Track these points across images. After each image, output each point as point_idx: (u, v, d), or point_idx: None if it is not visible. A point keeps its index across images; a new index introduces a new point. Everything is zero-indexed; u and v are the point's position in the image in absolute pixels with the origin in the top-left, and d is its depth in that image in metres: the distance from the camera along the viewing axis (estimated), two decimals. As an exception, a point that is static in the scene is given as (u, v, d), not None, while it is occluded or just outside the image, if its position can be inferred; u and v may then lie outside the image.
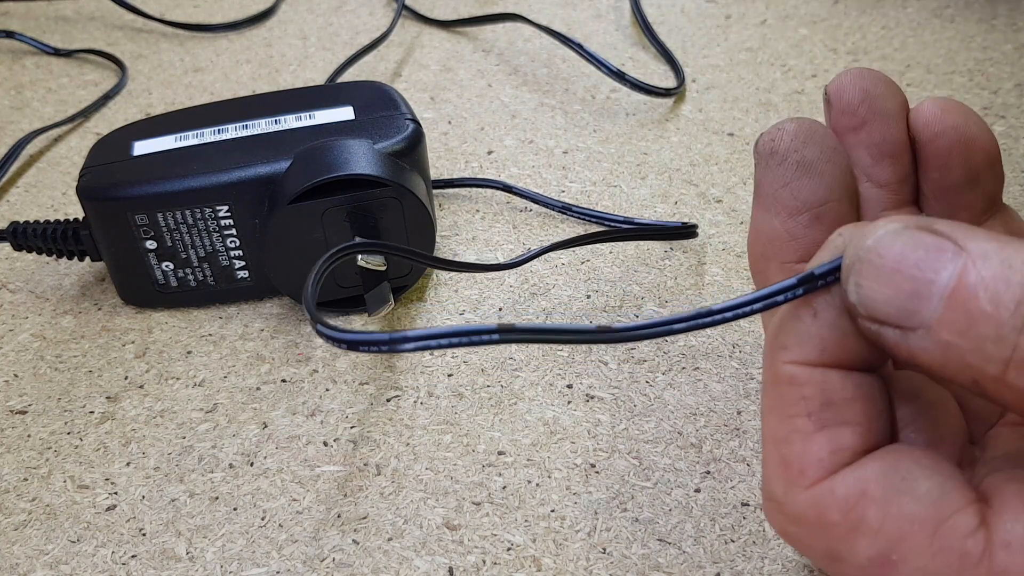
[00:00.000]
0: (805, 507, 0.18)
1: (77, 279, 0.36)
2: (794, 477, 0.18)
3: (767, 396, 0.19)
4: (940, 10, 0.54)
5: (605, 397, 0.30)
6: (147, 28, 0.58)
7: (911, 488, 0.17)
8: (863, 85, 0.21)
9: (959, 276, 0.15)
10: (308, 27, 0.57)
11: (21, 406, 0.31)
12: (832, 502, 0.17)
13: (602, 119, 0.45)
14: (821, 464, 0.18)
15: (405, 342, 0.18)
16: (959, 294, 0.15)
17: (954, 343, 0.15)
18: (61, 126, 0.47)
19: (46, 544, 0.26)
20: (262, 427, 0.30)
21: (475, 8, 0.58)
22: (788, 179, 0.20)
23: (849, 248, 0.17)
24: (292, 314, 0.34)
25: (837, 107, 0.22)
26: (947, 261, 0.16)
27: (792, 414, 0.18)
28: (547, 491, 0.27)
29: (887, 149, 0.21)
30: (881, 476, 0.17)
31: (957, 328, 0.15)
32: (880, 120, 0.21)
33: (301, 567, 0.25)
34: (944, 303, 0.15)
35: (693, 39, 0.53)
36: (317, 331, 0.20)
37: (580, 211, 0.38)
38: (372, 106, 0.35)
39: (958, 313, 0.15)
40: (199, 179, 0.32)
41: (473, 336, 0.18)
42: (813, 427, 0.18)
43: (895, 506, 0.17)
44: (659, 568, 0.25)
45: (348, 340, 0.19)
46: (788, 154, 0.20)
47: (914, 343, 0.16)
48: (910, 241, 0.16)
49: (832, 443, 0.18)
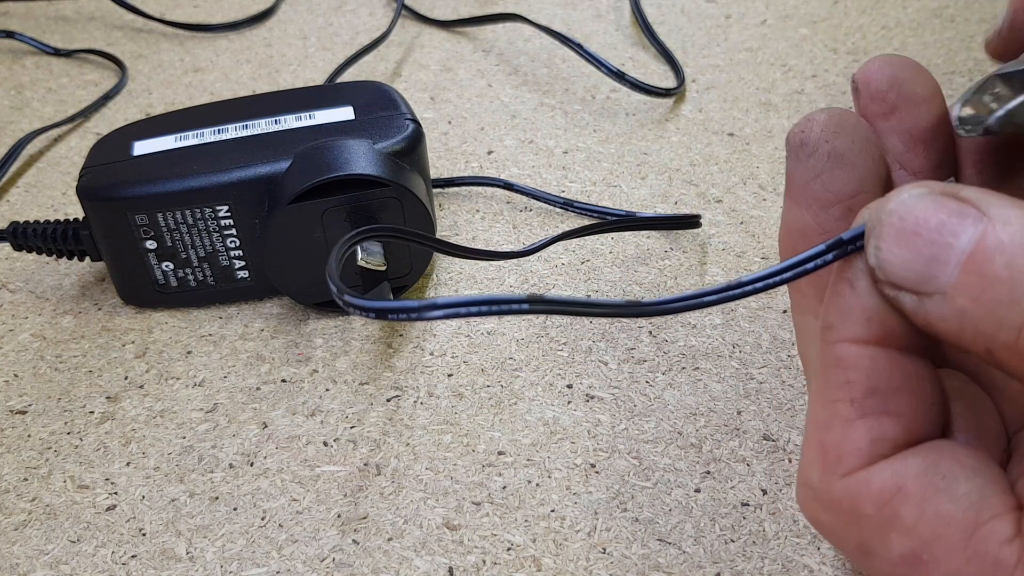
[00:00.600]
0: (840, 496, 0.17)
1: (77, 279, 0.36)
2: (831, 464, 0.17)
3: (812, 381, 0.18)
4: (940, 10, 0.54)
5: (605, 397, 0.30)
6: (147, 28, 0.58)
7: (950, 488, 0.16)
8: (891, 71, 0.21)
9: (977, 240, 0.15)
10: (308, 27, 0.57)
11: (21, 406, 0.31)
12: (867, 494, 0.17)
13: (602, 119, 0.45)
14: (860, 453, 0.17)
15: (434, 309, 0.18)
16: (976, 258, 0.15)
17: (969, 309, 0.15)
18: (61, 126, 0.47)
19: (46, 544, 0.26)
20: (262, 427, 0.30)
21: (475, 8, 0.58)
22: (819, 171, 0.20)
23: (871, 211, 0.17)
24: (292, 314, 0.34)
25: (865, 94, 0.21)
26: (968, 226, 0.15)
27: (835, 399, 0.18)
28: (547, 491, 0.27)
29: (919, 135, 0.21)
30: (920, 473, 0.17)
31: (972, 293, 0.15)
32: (910, 105, 0.21)
33: (301, 567, 0.25)
34: (960, 268, 0.15)
35: (693, 39, 0.53)
36: (344, 302, 0.19)
37: (582, 206, 0.38)
38: (372, 106, 0.35)
39: (973, 277, 0.15)
40: (199, 179, 0.32)
41: (503, 305, 0.17)
42: (855, 414, 0.17)
43: (932, 505, 0.16)
44: (659, 568, 0.25)
45: (376, 308, 0.19)
46: (819, 145, 0.20)
47: (931, 309, 0.16)
48: (932, 205, 0.16)
49: (873, 432, 0.17)
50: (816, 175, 0.20)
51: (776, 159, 0.41)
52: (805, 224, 0.20)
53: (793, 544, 0.25)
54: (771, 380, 0.30)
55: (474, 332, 0.33)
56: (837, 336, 0.18)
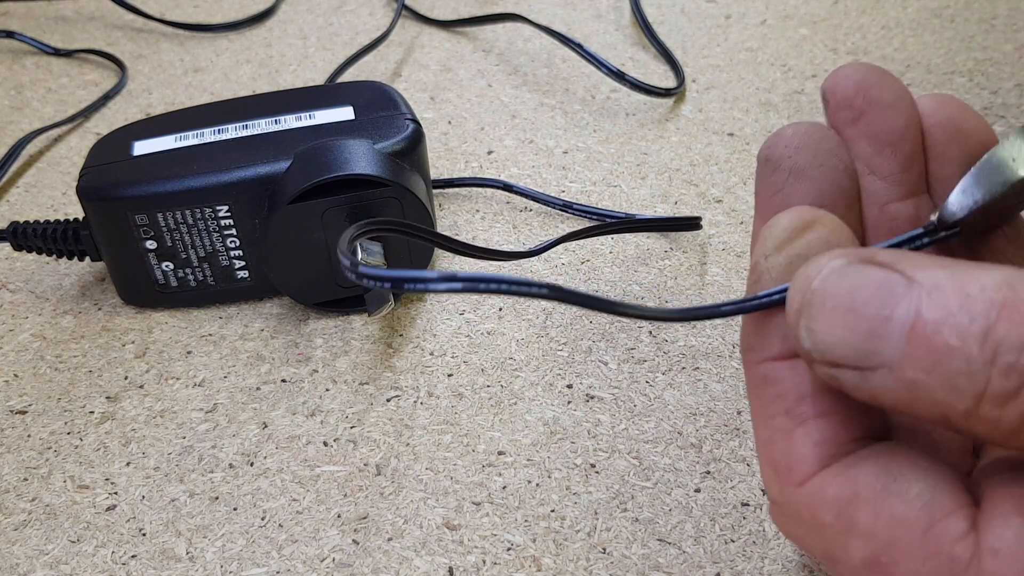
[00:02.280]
0: (800, 507, 0.18)
1: (77, 279, 0.36)
2: (784, 477, 0.18)
3: (750, 404, 0.19)
4: (940, 10, 0.54)
5: (605, 397, 0.30)
6: (147, 28, 0.58)
7: (902, 490, 0.16)
8: (856, 77, 0.21)
9: (916, 311, 0.15)
10: (308, 27, 0.57)
11: (21, 406, 0.31)
12: (824, 502, 0.17)
13: (602, 119, 0.45)
14: (806, 459, 0.17)
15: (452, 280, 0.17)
16: (921, 330, 0.15)
17: (922, 381, 0.15)
18: (61, 126, 0.47)
19: (46, 544, 0.26)
20: (262, 427, 0.30)
21: (475, 8, 0.58)
22: (780, 186, 0.20)
23: (794, 289, 0.17)
24: (292, 314, 0.34)
25: (833, 103, 0.22)
26: (900, 296, 0.15)
27: (771, 414, 0.18)
28: (547, 491, 0.27)
29: (886, 138, 0.21)
30: (872, 477, 0.17)
31: (923, 366, 0.15)
32: (877, 109, 0.21)
33: (301, 567, 0.25)
34: (906, 340, 0.15)
35: (693, 39, 0.53)
36: (359, 274, 0.19)
37: (580, 208, 0.38)
38: (372, 106, 0.35)
39: (923, 350, 0.15)
40: (199, 179, 0.32)
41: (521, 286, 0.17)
42: (792, 423, 0.18)
43: (886, 508, 0.16)
44: (659, 568, 0.25)
45: (393, 278, 0.18)
46: (781, 161, 0.21)
47: (876, 383, 0.16)
48: (857, 277, 0.16)
49: (813, 436, 0.17)
50: (778, 190, 0.20)
51: (776, 159, 0.41)
52: None
53: (793, 544, 0.25)
54: (771, 380, 0.30)
55: (474, 332, 0.33)
56: (759, 357, 0.18)
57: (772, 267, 0.18)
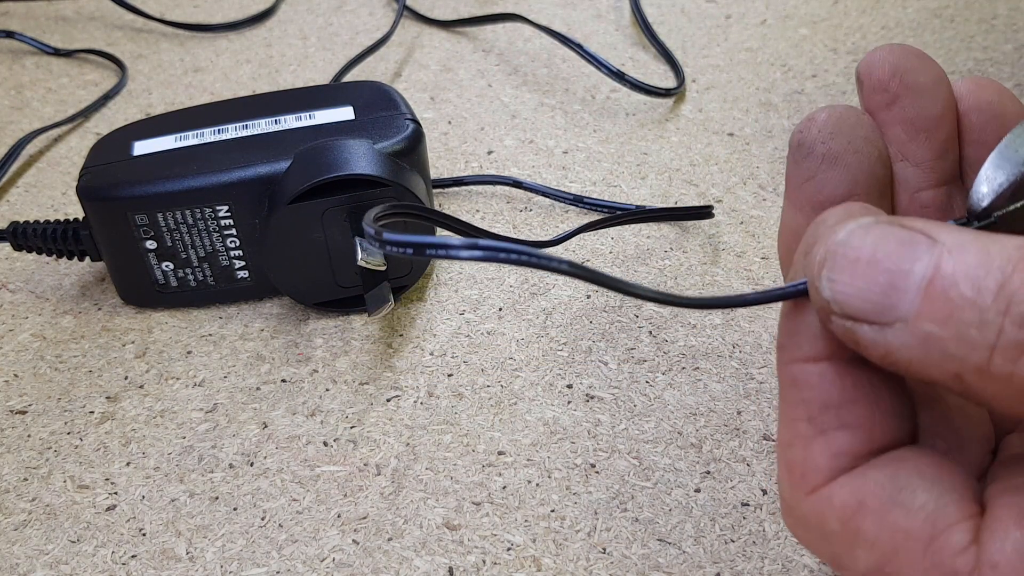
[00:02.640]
0: (808, 513, 0.18)
1: (77, 279, 0.36)
2: (797, 482, 0.18)
3: (780, 401, 0.19)
4: (940, 10, 0.54)
5: (605, 397, 0.30)
6: (147, 28, 0.58)
7: (907, 500, 0.16)
8: (892, 60, 0.21)
9: (936, 266, 0.15)
10: (308, 27, 0.57)
11: (21, 406, 0.31)
12: (831, 510, 0.17)
13: (602, 119, 0.45)
14: (821, 470, 0.17)
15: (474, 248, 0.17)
16: (938, 283, 0.15)
17: (935, 333, 0.15)
18: (61, 126, 0.47)
19: (46, 544, 0.26)
20: (262, 427, 0.30)
21: (475, 8, 0.58)
22: (813, 172, 0.20)
23: (818, 245, 0.17)
24: (292, 314, 0.34)
25: (868, 85, 0.21)
26: (922, 252, 0.15)
27: (794, 418, 0.18)
28: (547, 491, 0.27)
29: (921, 124, 0.21)
30: (879, 487, 0.17)
31: (938, 317, 0.15)
32: (912, 94, 0.21)
33: (301, 567, 0.25)
34: (922, 293, 0.15)
35: (693, 39, 0.53)
36: (384, 240, 0.19)
37: (592, 202, 0.38)
38: (372, 106, 0.35)
39: (938, 302, 0.15)
40: (199, 179, 0.32)
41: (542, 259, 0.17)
42: (813, 431, 0.18)
43: (890, 519, 0.16)
44: (659, 568, 0.25)
45: (415, 243, 0.18)
46: (814, 146, 0.20)
47: (892, 338, 0.16)
48: (882, 234, 0.16)
49: (832, 448, 0.17)
50: (810, 176, 0.20)
51: (776, 159, 0.41)
52: (799, 226, 0.20)
53: (793, 544, 0.25)
54: (771, 380, 0.30)
55: (474, 332, 0.33)
56: (789, 357, 0.18)
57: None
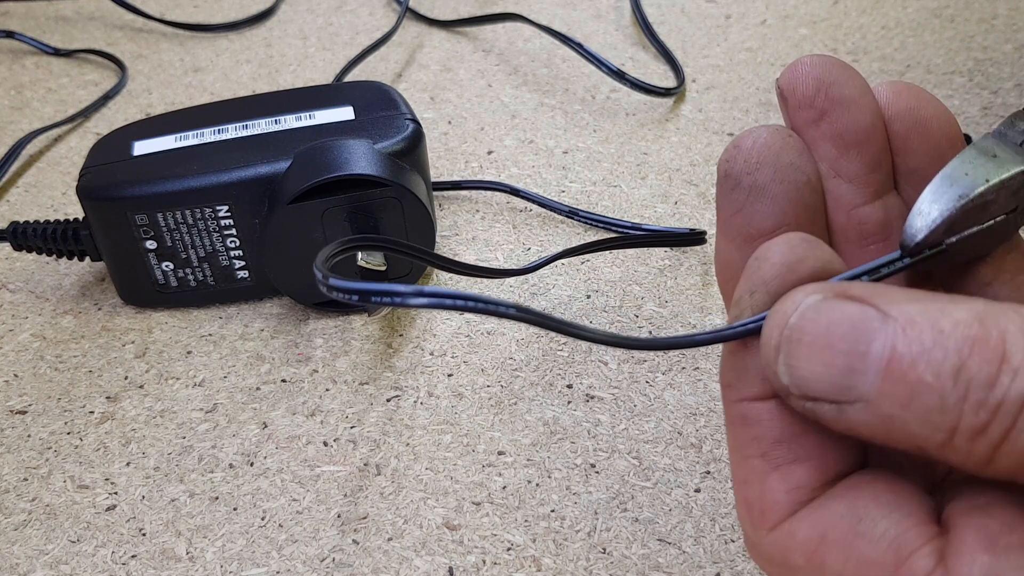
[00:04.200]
0: (771, 550, 0.18)
1: (77, 279, 0.36)
2: (757, 520, 0.18)
3: (728, 438, 0.19)
4: (940, 10, 0.54)
5: (605, 397, 0.30)
6: (147, 28, 0.58)
7: (868, 530, 0.16)
8: (816, 73, 0.20)
9: (891, 347, 0.15)
10: (308, 27, 0.57)
11: (21, 406, 0.31)
12: (794, 546, 0.17)
13: (602, 119, 0.45)
14: (779, 505, 0.17)
15: (419, 296, 0.17)
16: (896, 365, 0.15)
17: (897, 415, 0.15)
18: (61, 126, 0.47)
19: (46, 544, 0.26)
20: (262, 427, 0.30)
21: (475, 8, 0.58)
22: (741, 204, 0.20)
23: (770, 326, 0.17)
24: (292, 314, 0.34)
25: (792, 102, 0.20)
26: (875, 331, 0.15)
27: (747, 455, 0.18)
28: (547, 491, 0.27)
29: (851, 138, 0.20)
30: (839, 518, 0.17)
31: (899, 401, 0.15)
32: (840, 108, 0.20)
33: (301, 567, 0.25)
34: (881, 375, 0.15)
35: (693, 39, 0.53)
36: (330, 286, 0.18)
37: (586, 216, 0.37)
38: (372, 106, 0.35)
39: (898, 386, 0.15)
40: (199, 179, 0.32)
41: (488, 305, 0.17)
42: (768, 467, 0.18)
43: (854, 550, 0.16)
44: (659, 568, 0.25)
45: (360, 290, 0.18)
46: (740, 178, 0.20)
47: (853, 417, 0.16)
48: (833, 313, 0.16)
49: (788, 482, 0.17)
50: (739, 209, 0.20)
51: (776, 159, 0.41)
52: (732, 258, 0.20)
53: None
54: (771, 380, 0.30)
55: (474, 332, 0.33)
56: (737, 395, 0.18)
57: (757, 304, 0.18)
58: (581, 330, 0.18)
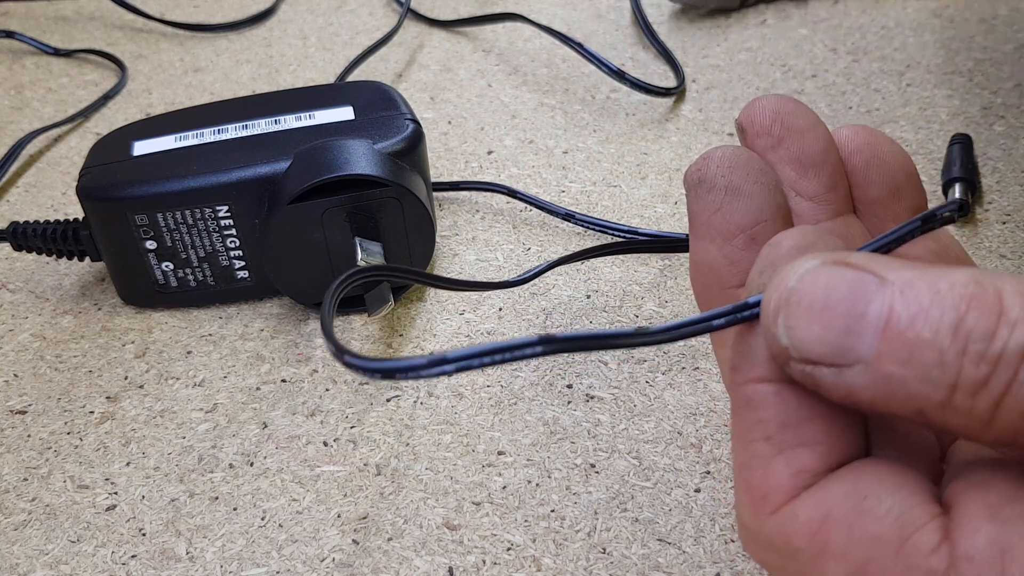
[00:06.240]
0: (772, 534, 0.18)
1: (77, 279, 0.36)
2: (758, 503, 0.18)
3: (732, 422, 0.19)
4: (940, 10, 0.54)
5: (605, 397, 0.30)
6: (147, 28, 0.58)
7: (873, 508, 0.17)
8: (772, 107, 0.22)
9: (890, 307, 0.15)
10: (308, 27, 0.57)
11: (21, 406, 0.31)
12: (796, 527, 0.17)
13: (602, 119, 0.45)
14: (783, 489, 0.18)
15: (444, 363, 0.17)
16: (894, 325, 0.15)
17: (896, 374, 0.15)
18: (61, 126, 0.47)
19: (46, 544, 0.26)
20: (262, 427, 0.30)
21: (475, 8, 0.58)
22: (719, 204, 0.21)
23: (770, 291, 0.17)
24: (292, 314, 0.34)
25: (751, 132, 0.22)
26: (873, 294, 0.16)
27: (752, 438, 0.18)
28: (547, 491, 0.27)
29: (808, 160, 0.22)
30: (843, 497, 0.17)
31: (898, 359, 0.15)
32: (795, 135, 0.22)
33: (301, 567, 0.25)
34: (880, 335, 0.15)
35: (693, 39, 0.53)
36: (346, 364, 0.18)
37: (584, 219, 0.37)
38: (372, 106, 0.35)
39: (896, 344, 0.15)
40: (199, 179, 0.32)
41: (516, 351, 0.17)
42: (772, 451, 0.18)
43: (858, 528, 0.16)
44: (659, 568, 0.25)
45: (383, 369, 0.17)
46: (716, 180, 0.21)
47: (851, 380, 0.16)
48: (831, 277, 0.16)
49: (792, 466, 0.17)
50: (716, 209, 0.21)
51: (776, 159, 0.41)
52: (712, 257, 0.21)
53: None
54: (771, 380, 0.30)
55: (474, 332, 0.33)
56: (743, 378, 0.18)
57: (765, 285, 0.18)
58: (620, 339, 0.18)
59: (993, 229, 0.36)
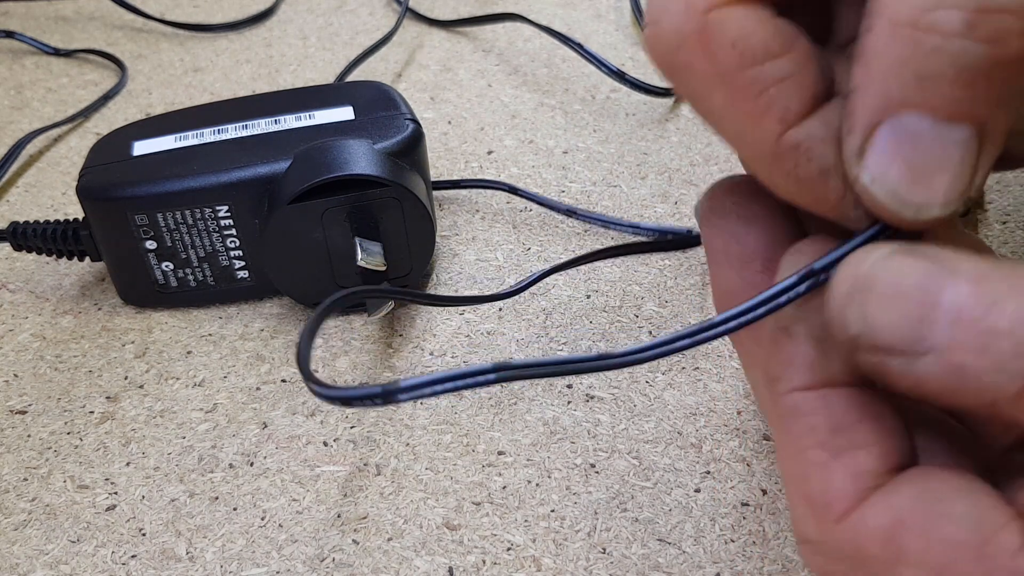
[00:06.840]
0: (841, 543, 0.17)
1: (77, 279, 0.36)
2: (822, 513, 0.17)
3: (777, 438, 0.18)
4: (940, 10, 0.54)
5: (605, 397, 0.30)
6: (147, 28, 0.58)
7: (948, 511, 0.16)
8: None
9: (964, 296, 0.15)
10: (308, 27, 0.57)
11: (21, 406, 0.31)
12: (868, 534, 0.17)
13: (602, 119, 0.45)
14: (846, 493, 0.17)
15: (400, 392, 0.18)
16: (968, 314, 0.15)
17: (971, 364, 0.15)
18: (61, 126, 0.47)
19: (46, 544, 0.26)
20: (262, 427, 0.30)
21: (475, 8, 0.58)
22: (733, 230, 0.21)
23: (840, 279, 0.17)
24: (292, 314, 0.34)
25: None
26: (946, 283, 0.15)
27: (803, 447, 0.18)
28: (547, 491, 0.27)
29: None
30: (915, 501, 0.16)
31: (972, 349, 0.15)
32: None
33: (301, 567, 0.25)
34: (954, 325, 0.15)
35: (693, 39, 0.53)
36: (311, 390, 0.20)
37: (585, 215, 0.37)
38: (372, 106, 0.35)
39: (971, 333, 0.15)
40: (199, 179, 0.32)
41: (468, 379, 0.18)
42: (828, 456, 0.17)
43: (935, 532, 0.16)
44: (659, 568, 0.25)
45: (341, 397, 0.19)
46: (727, 208, 0.21)
47: (922, 369, 0.16)
48: (904, 266, 0.16)
49: (851, 468, 0.17)
50: (731, 235, 0.21)
51: (776, 159, 0.41)
52: (732, 284, 0.21)
53: (793, 544, 0.25)
54: (771, 380, 0.30)
55: (474, 332, 0.33)
56: (786, 387, 0.18)
57: None
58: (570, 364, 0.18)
59: (993, 229, 0.36)
